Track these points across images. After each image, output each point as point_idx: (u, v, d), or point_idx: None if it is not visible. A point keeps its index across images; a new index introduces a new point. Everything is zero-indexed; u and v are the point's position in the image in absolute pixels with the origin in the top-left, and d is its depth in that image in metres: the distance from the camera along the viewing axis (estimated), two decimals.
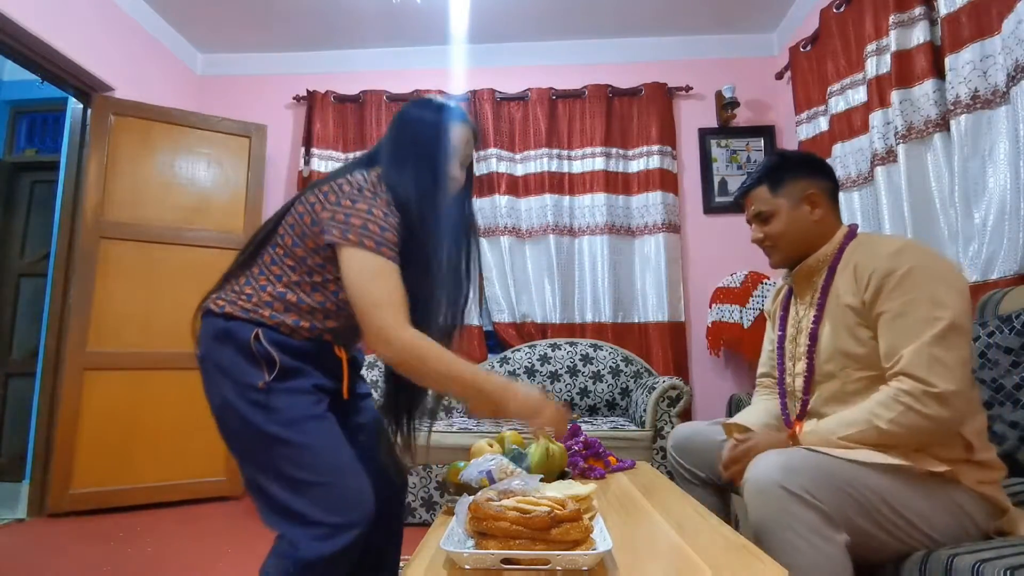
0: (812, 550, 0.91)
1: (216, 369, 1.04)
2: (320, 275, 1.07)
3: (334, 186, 1.06)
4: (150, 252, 2.95)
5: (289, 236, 1.08)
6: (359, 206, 1.02)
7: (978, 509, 1.01)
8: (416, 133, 1.14)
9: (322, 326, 1.09)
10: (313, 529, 0.95)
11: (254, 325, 1.03)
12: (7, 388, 3.42)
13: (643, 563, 0.81)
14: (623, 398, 3.07)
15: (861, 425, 1.02)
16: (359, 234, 1.00)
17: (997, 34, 1.83)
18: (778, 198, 1.23)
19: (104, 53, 2.93)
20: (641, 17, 3.37)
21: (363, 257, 0.99)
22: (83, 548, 2.24)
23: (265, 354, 1.01)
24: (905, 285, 1.04)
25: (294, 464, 0.98)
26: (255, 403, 0.99)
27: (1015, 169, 1.75)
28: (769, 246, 1.27)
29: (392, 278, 1.01)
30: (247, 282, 1.10)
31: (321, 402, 1.05)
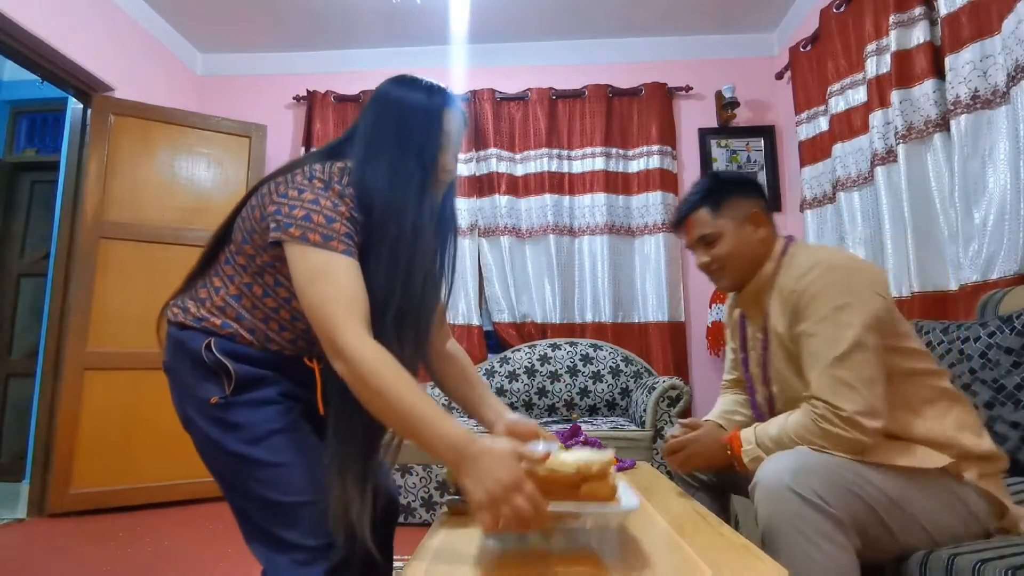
0: (823, 555, 0.90)
1: (177, 382, 0.97)
2: (271, 276, 0.94)
3: (288, 177, 0.91)
4: (150, 252, 2.95)
5: (239, 231, 0.96)
6: (305, 196, 0.87)
7: (981, 507, 1.01)
8: (401, 117, 0.96)
9: (277, 338, 0.97)
10: (293, 554, 0.87)
11: (206, 335, 0.94)
12: (7, 388, 3.42)
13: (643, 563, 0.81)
14: (623, 398, 3.07)
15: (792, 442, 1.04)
16: (302, 227, 0.85)
17: (997, 34, 1.83)
18: (720, 219, 1.20)
19: (104, 53, 2.93)
20: (641, 17, 3.37)
21: (310, 253, 0.84)
22: (83, 548, 2.24)
23: (219, 365, 0.92)
24: (813, 306, 1.06)
25: (265, 484, 0.89)
26: (215, 420, 0.91)
27: (1015, 169, 1.75)
28: (717, 269, 1.23)
29: (343, 274, 0.84)
30: (203, 284, 1.01)
31: (291, 411, 0.94)
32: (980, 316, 1.56)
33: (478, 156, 3.47)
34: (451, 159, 1.01)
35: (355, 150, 0.96)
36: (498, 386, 3.11)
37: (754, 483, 0.99)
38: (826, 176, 2.84)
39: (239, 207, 1.01)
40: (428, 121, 0.97)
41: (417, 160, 0.94)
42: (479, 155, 3.46)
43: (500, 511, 0.73)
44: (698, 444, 1.21)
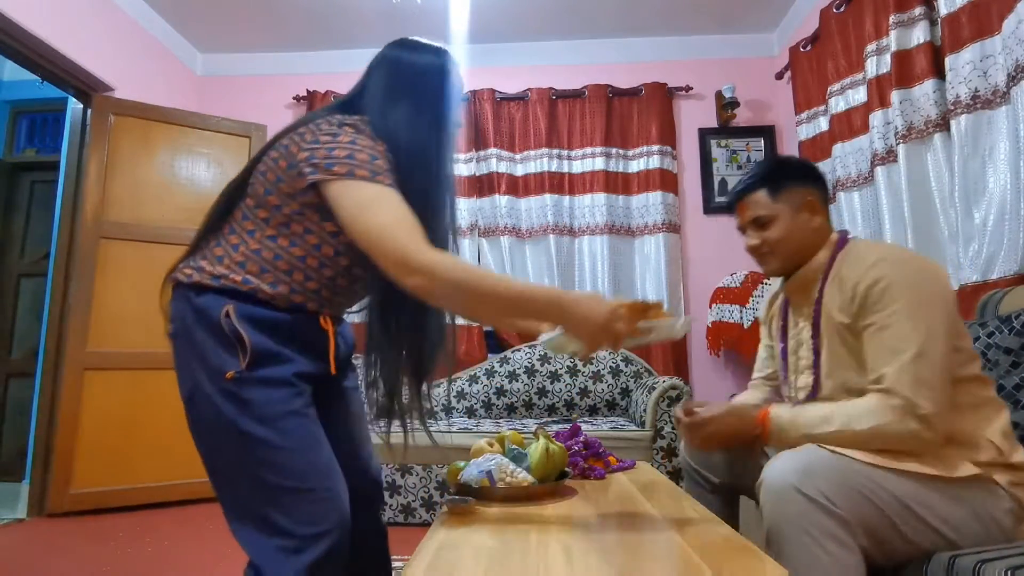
0: (828, 557, 0.89)
1: (188, 348, 0.93)
2: (299, 224, 0.94)
3: (311, 127, 0.94)
4: (150, 252, 2.95)
5: (261, 184, 0.96)
6: (340, 139, 0.90)
7: (1005, 513, 0.99)
8: (417, 77, 1.02)
9: (301, 289, 0.96)
10: (281, 539, 0.87)
11: (226, 297, 0.92)
12: (7, 388, 3.42)
13: (643, 563, 0.82)
14: (623, 398, 3.07)
15: (836, 426, 1.01)
16: (347, 164, 0.88)
17: (997, 34, 1.83)
18: (778, 203, 1.19)
19: (104, 53, 2.93)
20: (641, 17, 3.37)
21: (357, 186, 0.87)
22: (83, 548, 2.24)
23: (236, 335, 0.90)
24: (885, 299, 1.04)
25: (266, 465, 0.89)
26: (227, 393, 0.89)
27: (1015, 169, 1.75)
28: (766, 252, 1.22)
29: (397, 201, 0.88)
30: (217, 243, 0.98)
31: (302, 394, 0.94)
32: (980, 316, 1.56)
33: (478, 156, 3.47)
34: (457, 111, 1.08)
35: (372, 106, 1.00)
36: (498, 386, 3.11)
37: (759, 482, 0.98)
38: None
39: (253, 163, 1.01)
40: (440, 79, 1.04)
41: (434, 115, 1.01)
42: (479, 155, 3.46)
43: (602, 338, 0.88)
44: (725, 419, 1.14)
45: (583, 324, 0.87)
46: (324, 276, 0.98)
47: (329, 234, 0.95)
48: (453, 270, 0.84)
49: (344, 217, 0.88)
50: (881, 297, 1.04)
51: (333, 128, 0.92)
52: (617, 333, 0.88)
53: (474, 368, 3.17)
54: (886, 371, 1.01)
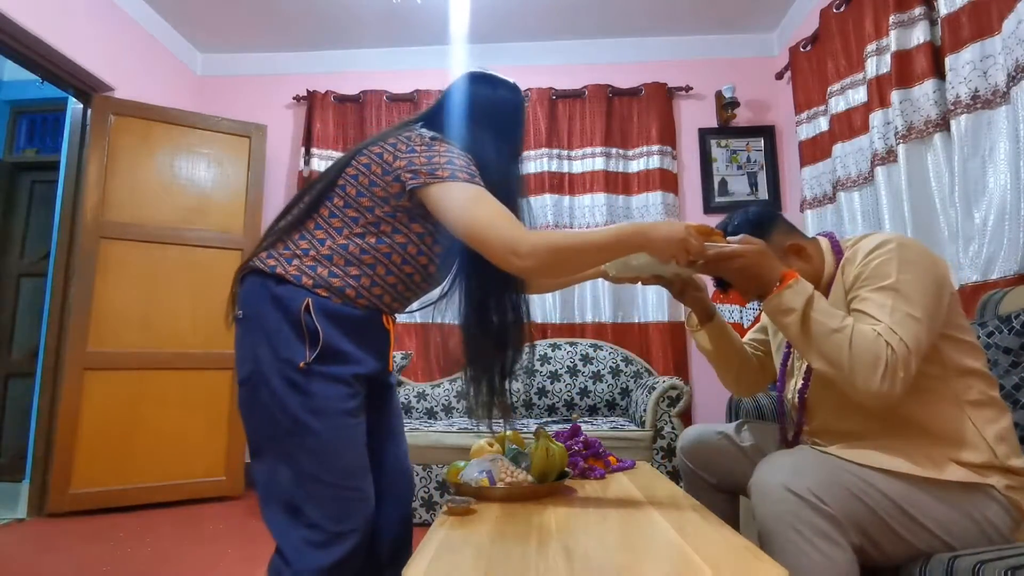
0: (818, 554, 0.89)
1: (259, 332, 0.97)
2: (389, 225, 1.02)
3: (402, 138, 1.02)
4: (150, 252, 2.95)
5: (352, 187, 1.03)
6: (437, 148, 0.99)
7: (1002, 516, 0.98)
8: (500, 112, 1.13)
9: (381, 282, 1.03)
10: (311, 532, 0.91)
11: (306, 291, 0.97)
12: (7, 388, 3.42)
13: (643, 563, 0.82)
14: (623, 398, 3.07)
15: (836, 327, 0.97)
16: (449, 169, 0.97)
17: (997, 34, 1.83)
18: None
19: (104, 53, 2.93)
20: (641, 17, 3.37)
21: (460, 187, 0.96)
22: (83, 548, 2.24)
23: (312, 329, 0.95)
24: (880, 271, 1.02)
25: (311, 456, 0.94)
26: (291, 382, 0.94)
27: (1015, 169, 1.75)
28: None
29: (494, 199, 0.97)
30: (301, 236, 1.03)
31: (356, 396, 1.00)
32: (980, 316, 1.56)
33: None
34: None
35: (454, 130, 1.09)
36: None
37: (751, 482, 0.99)
38: (826, 176, 2.84)
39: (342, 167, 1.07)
40: (520, 116, 1.17)
41: (511, 145, 1.13)
42: None
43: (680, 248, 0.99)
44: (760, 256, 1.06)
45: (666, 242, 0.99)
46: (404, 272, 1.05)
47: (416, 235, 1.04)
48: (554, 243, 0.95)
49: (449, 212, 0.96)
50: (876, 270, 1.03)
51: (427, 140, 1.01)
52: (692, 246, 1.00)
53: None
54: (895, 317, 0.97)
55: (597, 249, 0.98)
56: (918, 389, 1.02)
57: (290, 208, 1.09)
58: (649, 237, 0.99)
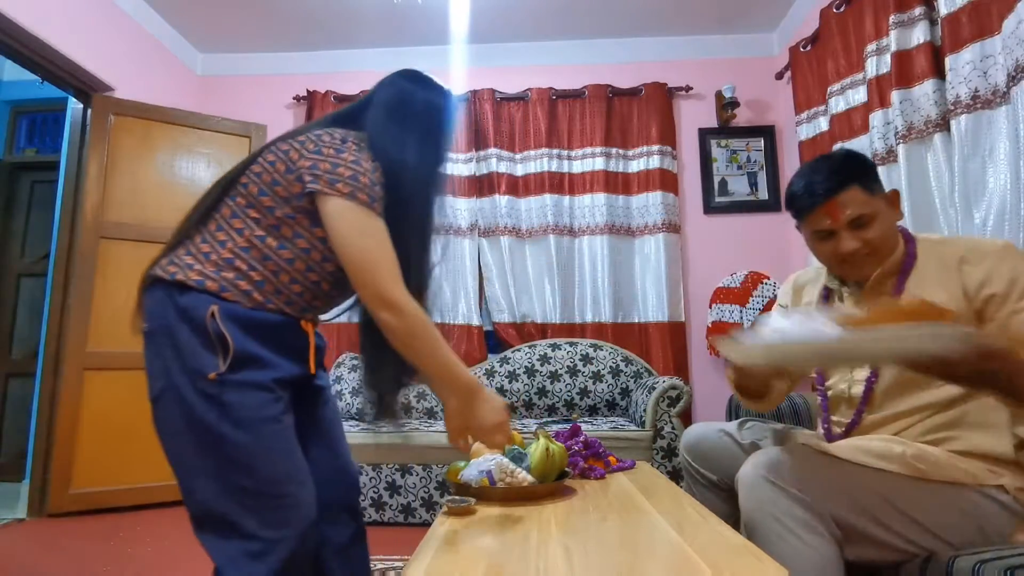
0: (799, 542, 0.90)
1: (166, 346, 0.92)
2: (290, 228, 0.97)
3: (311, 136, 0.97)
4: (150, 252, 2.86)
5: (255, 185, 0.98)
6: (344, 156, 0.94)
7: (1000, 516, 0.98)
8: (426, 113, 1.08)
9: (286, 290, 0.98)
10: (248, 543, 0.88)
11: (211, 296, 0.92)
12: (7, 388, 3.42)
13: (643, 563, 0.82)
14: (623, 398, 3.07)
15: None
16: (350, 185, 0.92)
17: (997, 34, 1.83)
18: (875, 199, 1.08)
19: (104, 53, 2.93)
20: (641, 17, 3.37)
21: (356, 211, 0.92)
22: (83, 548, 2.24)
23: (220, 336, 0.90)
24: None
25: (239, 468, 0.89)
26: (205, 395, 0.89)
27: (1015, 169, 1.75)
28: (865, 255, 1.09)
29: (385, 237, 0.94)
30: (203, 240, 0.98)
31: (279, 400, 0.95)
32: None
33: (478, 156, 3.46)
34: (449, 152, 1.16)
35: (375, 126, 1.04)
36: (498, 386, 3.11)
37: (737, 475, 1.01)
38: None
39: (246, 165, 1.03)
40: (446, 119, 1.11)
41: (436, 152, 1.08)
42: (479, 155, 3.46)
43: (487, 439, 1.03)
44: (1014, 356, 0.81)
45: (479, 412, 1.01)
46: (309, 280, 1.00)
47: (319, 239, 0.98)
48: (420, 320, 0.94)
49: (336, 234, 0.93)
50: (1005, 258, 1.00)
51: (336, 142, 0.96)
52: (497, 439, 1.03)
53: (474, 368, 3.17)
54: None
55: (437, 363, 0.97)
56: None
57: (194, 210, 1.04)
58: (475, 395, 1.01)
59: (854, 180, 1.08)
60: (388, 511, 2.50)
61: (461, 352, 3.27)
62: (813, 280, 1.30)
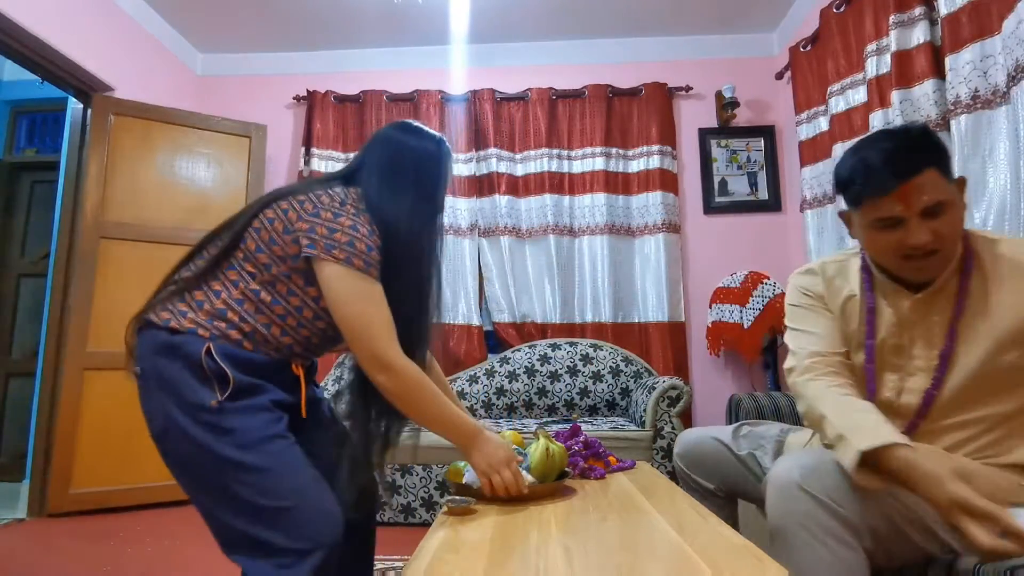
0: (829, 555, 0.88)
1: (160, 387, 0.94)
2: (284, 285, 1.00)
3: (311, 196, 1.00)
4: (150, 252, 2.95)
5: (253, 241, 1.00)
6: (342, 220, 0.97)
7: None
8: (418, 165, 1.09)
9: (275, 342, 1.01)
10: (278, 558, 0.90)
11: (203, 340, 0.95)
12: (7, 388, 3.42)
13: (643, 563, 0.81)
14: (623, 398, 3.07)
15: None
16: (346, 251, 0.95)
17: (997, 34, 1.83)
18: (952, 185, 0.95)
19: (104, 53, 2.93)
20: (641, 17, 3.37)
21: (353, 277, 0.95)
22: (83, 548, 2.24)
23: (217, 371, 0.93)
24: None
25: (254, 489, 0.91)
26: (207, 425, 0.91)
27: (1015, 169, 1.75)
28: (934, 250, 0.96)
29: (381, 300, 0.98)
30: (197, 287, 1.01)
31: (280, 420, 0.98)
32: None
33: (478, 156, 3.47)
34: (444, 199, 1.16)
35: (369, 183, 1.06)
36: (498, 386, 3.11)
37: (764, 480, 0.98)
38: (826, 176, 2.84)
39: (248, 218, 1.03)
40: (439, 169, 1.11)
41: (430, 203, 1.09)
42: (479, 155, 3.46)
43: (494, 478, 1.05)
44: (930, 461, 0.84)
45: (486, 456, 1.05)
46: (300, 335, 1.04)
47: (312, 299, 1.01)
48: (414, 380, 0.98)
49: (333, 299, 0.96)
50: None
51: (335, 205, 0.98)
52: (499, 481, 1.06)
53: (474, 368, 3.17)
54: None
55: (437, 420, 1.02)
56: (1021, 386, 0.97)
57: (191, 256, 1.06)
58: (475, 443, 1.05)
59: (932, 162, 0.93)
60: (388, 511, 2.50)
61: (461, 352, 3.27)
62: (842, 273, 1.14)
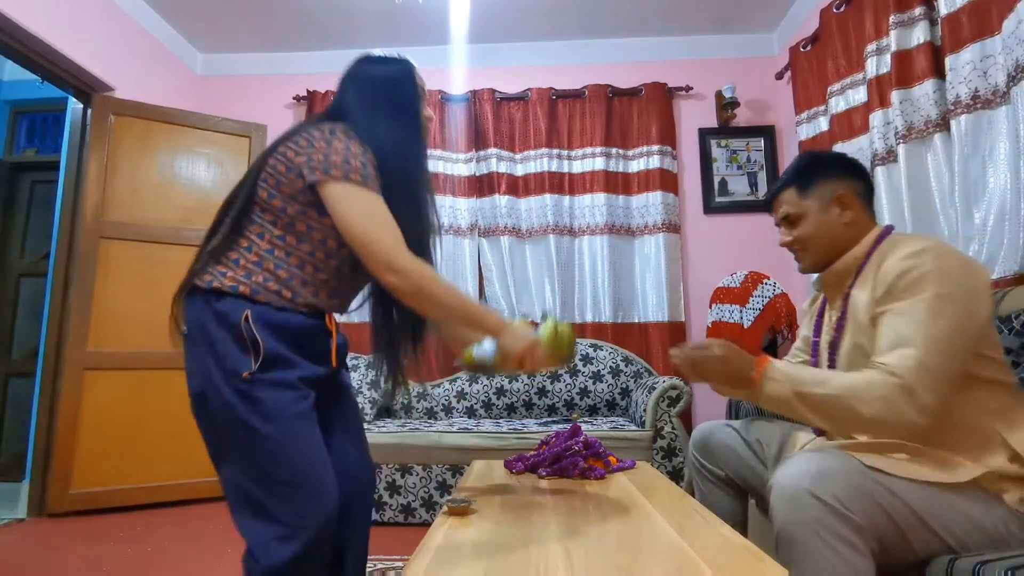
0: (840, 561, 0.88)
1: (205, 348, 1.01)
2: (303, 222, 1.05)
3: (303, 134, 1.05)
4: (150, 252, 2.95)
5: (264, 190, 1.06)
6: (335, 145, 1.02)
7: (1016, 528, 0.97)
8: (389, 87, 1.14)
9: (312, 280, 1.07)
10: (276, 527, 0.96)
11: (245, 301, 1.01)
12: (7, 388, 3.42)
13: (643, 563, 0.82)
14: (623, 398, 3.07)
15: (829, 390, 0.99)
16: (343, 169, 1.00)
17: (997, 34, 1.83)
18: (807, 200, 1.19)
19: (104, 53, 2.93)
20: (641, 17, 3.37)
21: (353, 191, 1.00)
22: (83, 548, 2.24)
23: (253, 339, 0.99)
24: (913, 287, 1.01)
25: (268, 459, 0.98)
26: (239, 392, 0.98)
27: (1015, 169, 1.75)
28: (798, 249, 1.23)
29: (384, 209, 1.02)
30: (231, 249, 1.06)
31: (306, 398, 1.03)
32: None
33: (478, 156, 3.46)
34: (426, 108, 1.20)
35: (353, 116, 1.11)
36: (498, 386, 3.11)
37: (770, 484, 0.97)
38: None
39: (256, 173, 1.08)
40: (409, 85, 1.17)
41: (409, 118, 1.15)
42: (479, 155, 3.46)
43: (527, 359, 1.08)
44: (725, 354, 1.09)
45: (515, 342, 1.07)
46: (331, 266, 1.09)
47: (330, 228, 1.05)
48: (425, 276, 1.00)
49: (340, 215, 1.00)
50: (909, 285, 1.01)
51: (326, 135, 1.04)
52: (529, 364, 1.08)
53: None
54: (894, 353, 0.98)
55: (458, 310, 1.05)
56: None
57: (218, 223, 1.12)
58: (505, 327, 1.08)
59: (791, 183, 1.22)
60: (388, 511, 2.50)
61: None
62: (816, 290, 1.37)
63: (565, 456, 1.45)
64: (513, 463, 1.52)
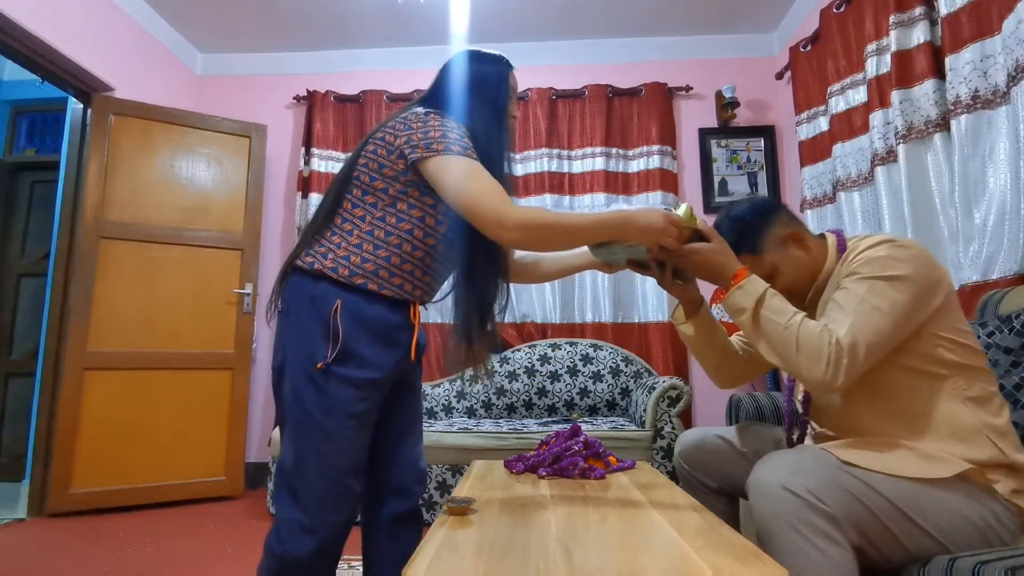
0: (818, 553, 0.89)
1: (293, 328, 1.08)
2: (404, 202, 1.10)
3: (399, 120, 1.11)
4: (150, 252, 2.95)
5: (365, 174, 1.11)
6: (431, 123, 1.07)
7: (1006, 521, 0.97)
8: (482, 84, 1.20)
9: (410, 258, 1.11)
10: (304, 517, 1.02)
11: (339, 288, 1.06)
12: (7, 388, 3.42)
13: (643, 563, 0.82)
14: (623, 398, 3.07)
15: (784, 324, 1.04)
16: (443, 142, 1.05)
17: (997, 34, 1.83)
18: (767, 256, 1.21)
19: (104, 53, 2.93)
20: (641, 17, 3.37)
21: (455, 161, 1.04)
22: (83, 548, 2.24)
23: (336, 331, 1.05)
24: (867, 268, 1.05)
25: (314, 448, 1.03)
26: (311, 378, 1.04)
27: (1015, 169, 1.75)
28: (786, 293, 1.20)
29: (486, 172, 1.05)
30: (332, 232, 1.12)
31: (365, 400, 1.07)
32: (980, 316, 1.56)
33: None
34: (514, 106, 1.28)
35: (446, 105, 1.18)
36: (498, 386, 3.11)
37: (749, 481, 0.99)
38: (826, 176, 2.84)
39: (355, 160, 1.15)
40: (503, 84, 1.23)
41: (496, 113, 1.21)
42: None
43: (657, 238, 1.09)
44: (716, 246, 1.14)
45: (644, 231, 1.08)
46: (428, 245, 1.13)
47: (429, 206, 1.11)
48: (539, 219, 1.02)
49: (445, 185, 1.04)
50: (864, 265, 1.06)
51: (421, 116, 1.09)
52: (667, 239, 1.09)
53: None
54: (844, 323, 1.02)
55: (579, 230, 1.05)
56: (921, 387, 1.05)
57: (321, 208, 1.18)
58: (629, 225, 1.07)
59: (740, 249, 1.21)
60: None
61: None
62: None
63: (565, 456, 1.45)
64: (513, 463, 1.52)
